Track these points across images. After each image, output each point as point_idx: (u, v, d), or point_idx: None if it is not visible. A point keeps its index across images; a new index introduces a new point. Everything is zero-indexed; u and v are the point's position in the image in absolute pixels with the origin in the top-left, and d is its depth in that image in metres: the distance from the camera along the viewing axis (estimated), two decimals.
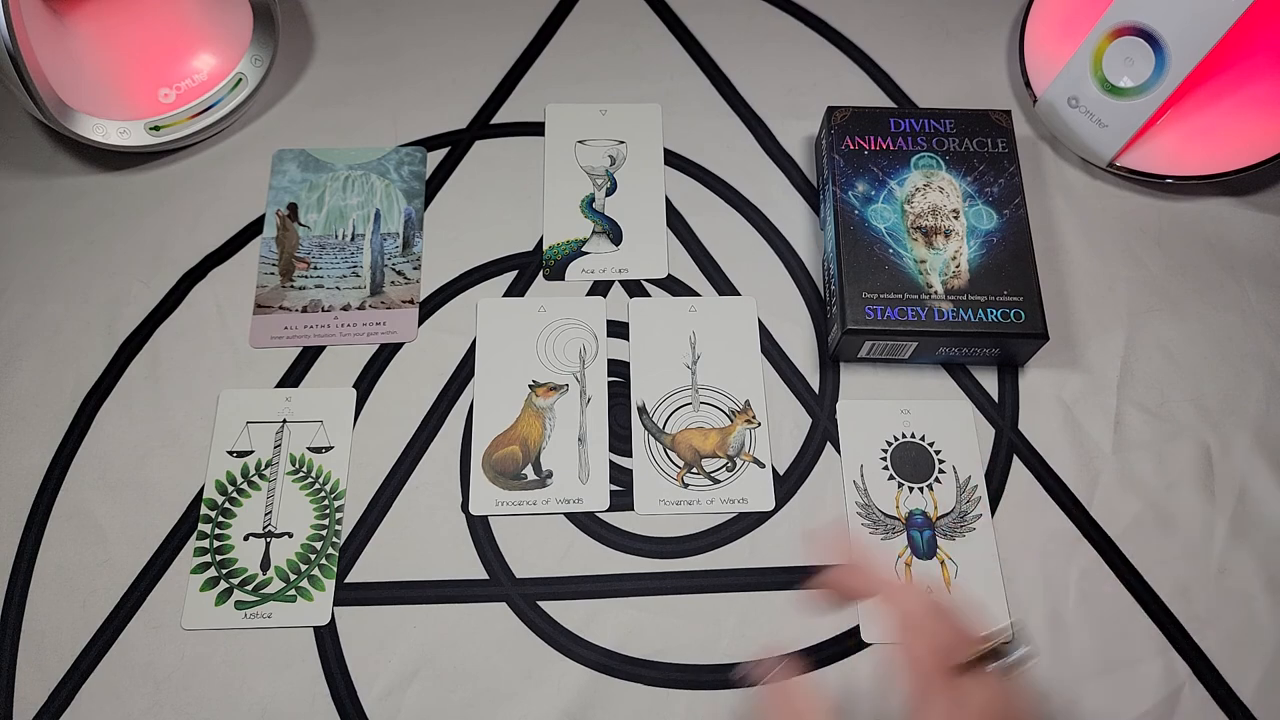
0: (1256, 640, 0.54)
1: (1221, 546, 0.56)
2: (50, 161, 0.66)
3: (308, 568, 0.54)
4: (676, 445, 0.58)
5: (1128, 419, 0.59)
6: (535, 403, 0.59)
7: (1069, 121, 0.66)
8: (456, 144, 0.68)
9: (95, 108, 0.62)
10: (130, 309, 0.61)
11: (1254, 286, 0.64)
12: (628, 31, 0.72)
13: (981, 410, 0.60)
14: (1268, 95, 0.62)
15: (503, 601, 0.54)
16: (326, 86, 0.69)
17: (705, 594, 0.55)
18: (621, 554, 0.55)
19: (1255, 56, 0.62)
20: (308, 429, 0.58)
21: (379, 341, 0.61)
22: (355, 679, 0.52)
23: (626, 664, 0.53)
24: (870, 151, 0.62)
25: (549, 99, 0.69)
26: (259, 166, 0.66)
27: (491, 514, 0.56)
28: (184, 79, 0.65)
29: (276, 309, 0.61)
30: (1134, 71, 0.62)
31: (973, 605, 0.44)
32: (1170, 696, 0.52)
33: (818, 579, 0.41)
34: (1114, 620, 0.54)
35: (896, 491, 0.57)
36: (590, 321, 0.62)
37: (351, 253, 0.63)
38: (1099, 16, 0.63)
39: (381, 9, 0.72)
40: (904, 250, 0.59)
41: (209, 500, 0.56)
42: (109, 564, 0.54)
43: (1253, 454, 0.58)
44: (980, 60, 0.72)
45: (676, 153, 0.68)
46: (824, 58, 0.72)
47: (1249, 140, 0.63)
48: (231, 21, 0.66)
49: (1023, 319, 0.57)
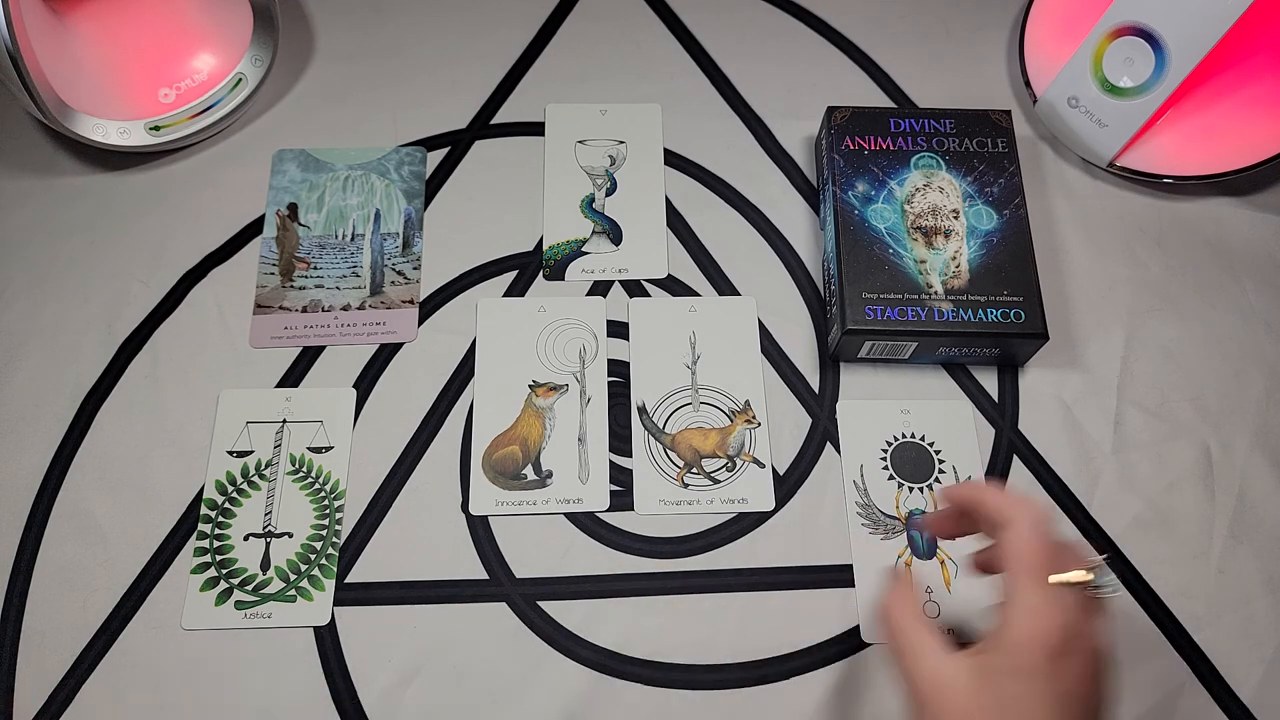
0: (1256, 640, 0.54)
1: (1221, 546, 0.56)
2: (50, 161, 0.66)
3: (308, 568, 0.54)
4: (676, 445, 0.58)
5: (1128, 419, 0.59)
6: (535, 403, 0.59)
7: (1069, 121, 0.66)
8: (456, 144, 0.68)
9: (95, 108, 0.62)
10: (130, 309, 0.61)
11: (1254, 286, 0.64)
12: (628, 31, 0.72)
13: (981, 410, 0.60)
14: (1268, 95, 0.62)
15: (503, 601, 0.54)
16: (326, 86, 0.69)
17: (705, 594, 0.55)
18: (621, 554, 0.55)
19: (1255, 56, 0.62)
20: (308, 429, 0.58)
21: (379, 341, 0.61)
22: (355, 679, 0.52)
23: (626, 664, 0.53)
24: (870, 151, 0.62)
25: (549, 99, 0.69)
26: (259, 166, 0.66)
27: (491, 514, 0.56)
28: (184, 79, 0.65)
29: (276, 309, 0.61)
30: (1134, 71, 0.63)
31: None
32: (1170, 696, 0.52)
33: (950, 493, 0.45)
34: (1114, 620, 0.54)
35: (896, 491, 0.57)
36: (590, 321, 0.62)
37: (351, 253, 0.63)
38: (1099, 16, 0.63)
39: (382, 9, 0.72)
40: (904, 250, 0.59)
41: (209, 500, 0.56)
42: (109, 564, 0.54)
43: (1253, 454, 0.58)
44: (980, 60, 0.72)
45: (676, 153, 0.68)
46: (824, 58, 0.72)
47: (1249, 140, 0.63)
48: (231, 21, 0.66)
49: (1023, 319, 0.57)
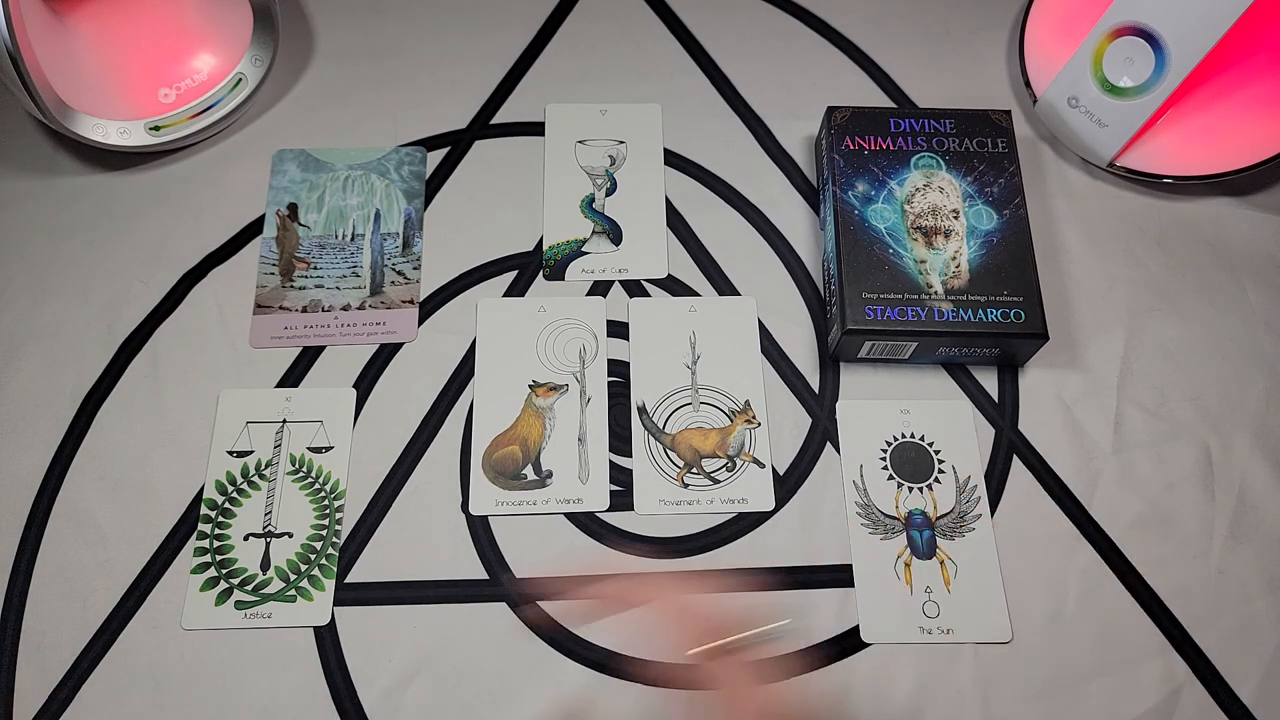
0: (1256, 640, 0.54)
1: (1221, 546, 0.56)
2: (50, 161, 0.66)
3: (308, 568, 0.54)
4: (676, 445, 0.58)
5: (1128, 419, 0.59)
6: (535, 403, 0.59)
7: (1069, 121, 0.66)
8: (456, 144, 0.68)
9: (95, 108, 0.62)
10: (130, 309, 0.61)
11: (1254, 286, 0.64)
12: (628, 31, 0.72)
13: (981, 410, 0.60)
14: (1268, 95, 0.62)
15: (503, 601, 0.54)
16: (326, 86, 0.69)
17: (705, 594, 0.55)
18: (621, 554, 0.55)
19: (1255, 56, 0.62)
20: (308, 429, 0.58)
21: (379, 341, 0.61)
22: (355, 679, 0.52)
23: (626, 664, 0.53)
24: (870, 151, 0.62)
25: (549, 99, 0.69)
26: (259, 166, 0.66)
27: (491, 514, 0.56)
28: (184, 79, 0.65)
29: (276, 309, 0.61)
30: (1134, 71, 0.62)
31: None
32: (1170, 696, 0.52)
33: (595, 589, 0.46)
34: (1114, 620, 0.54)
35: (896, 491, 0.57)
36: (590, 321, 0.62)
37: (351, 253, 0.63)
38: (1099, 16, 0.63)
39: (382, 9, 0.72)
40: (904, 250, 0.59)
41: (209, 500, 0.56)
42: (109, 564, 0.54)
43: (1253, 454, 0.58)
44: (980, 60, 0.72)
45: (676, 153, 0.68)
46: (824, 58, 0.72)
47: (1249, 140, 0.63)
48: (231, 21, 0.66)
49: (1023, 319, 0.57)
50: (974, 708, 0.52)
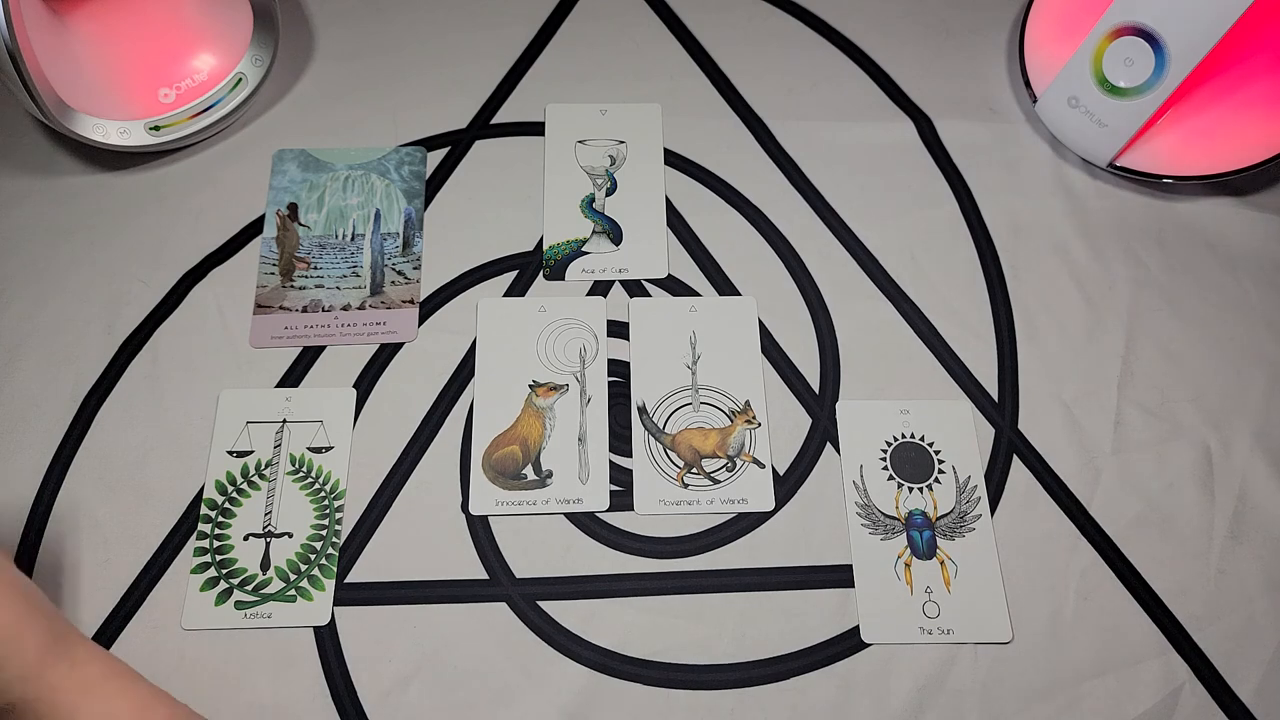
0: (1256, 640, 0.54)
1: (1221, 546, 0.56)
2: (50, 161, 0.66)
3: (308, 568, 0.54)
4: (676, 445, 0.58)
5: (1128, 419, 0.59)
6: (535, 403, 0.59)
7: (1069, 121, 0.66)
8: (457, 144, 0.68)
9: (95, 108, 0.62)
10: (130, 309, 0.61)
11: (1254, 286, 0.64)
12: (628, 31, 0.72)
13: (981, 410, 0.60)
14: (1268, 95, 0.62)
15: (503, 601, 0.54)
16: (326, 86, 0.69)
17: (705, 594, 0.55)
18: (621, 554, 0.55)
19: (1255, 56, 0.62)
20: (308, 429, 0.58)
21: (379, 341, 0.61)
22: (355, 679, 0.52)
23: (626, 664, 0.53)
24: None
25: (549, 99, 0.69)
26: (259, 166, 0.66)
27: (491, 514, 0.56)
28: (184, 79, 0.65)
29: (276, 309, 0.61)
30: (1134, 72, 0.62)
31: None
32: (1170, 696, 0.52)
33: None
34: (1114, 620, 0.54)
35: (896, 492, 0.57)
36: (590, 321, 0.62)
37: (351, 253, 0.63)
38: (1099, 16, 0.63)
39: (382, 9, 0.72)
40: None
41: (209, 500, 0.56)
42: (109, 564, 0.54)
43: (1253, 454, 0.58)
44: (980, 60, 0.72)
45: (676, 153, 0.68)
46: (824, 58, 0.72)
47: (1249, 140, 0.63)
48: (231, 21, 0.66)
49: None
50: (974, 708, 0.52)
